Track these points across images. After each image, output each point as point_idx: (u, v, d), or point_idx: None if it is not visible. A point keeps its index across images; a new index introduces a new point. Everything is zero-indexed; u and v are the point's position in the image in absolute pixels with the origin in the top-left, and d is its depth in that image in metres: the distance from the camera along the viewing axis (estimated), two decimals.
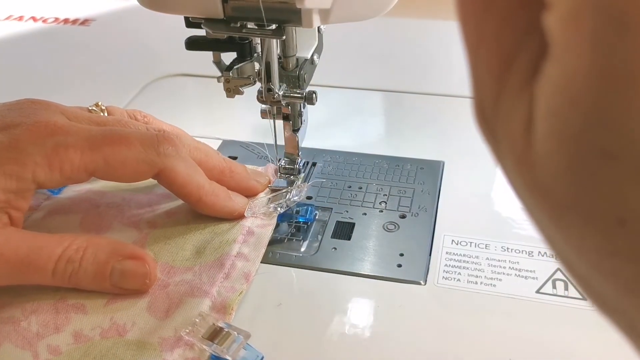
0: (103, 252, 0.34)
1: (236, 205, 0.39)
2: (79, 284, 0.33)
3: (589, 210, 0.12)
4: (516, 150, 0.14)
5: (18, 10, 0.76)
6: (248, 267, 0.36)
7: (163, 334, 0.32)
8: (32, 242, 0.33)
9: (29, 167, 0.33)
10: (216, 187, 0.39)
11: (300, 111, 0.41)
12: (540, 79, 0.13)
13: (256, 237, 0.38)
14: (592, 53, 0.12)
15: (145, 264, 0.34)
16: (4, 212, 0.33)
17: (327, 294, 0.36)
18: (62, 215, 0.40)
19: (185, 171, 0.37)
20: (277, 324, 0.34)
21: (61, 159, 0.33)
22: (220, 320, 0.32)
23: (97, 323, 0.33)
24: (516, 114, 0.14)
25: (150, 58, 0.65)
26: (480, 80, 0.15)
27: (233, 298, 0.34)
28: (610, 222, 0.12)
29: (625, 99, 0.11)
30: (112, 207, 0.41)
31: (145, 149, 0.35)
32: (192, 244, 0.38)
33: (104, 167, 0.35)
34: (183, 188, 0.37)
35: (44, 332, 0.32)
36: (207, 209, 0.39)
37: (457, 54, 0.68)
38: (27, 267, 0.32)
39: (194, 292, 0.34)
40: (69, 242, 0.33)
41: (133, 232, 0.39)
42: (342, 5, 0.31)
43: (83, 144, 0.34)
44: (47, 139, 0.33)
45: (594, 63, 0.12)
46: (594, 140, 0.12)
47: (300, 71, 0.38)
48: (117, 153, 0.35)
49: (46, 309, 0.33)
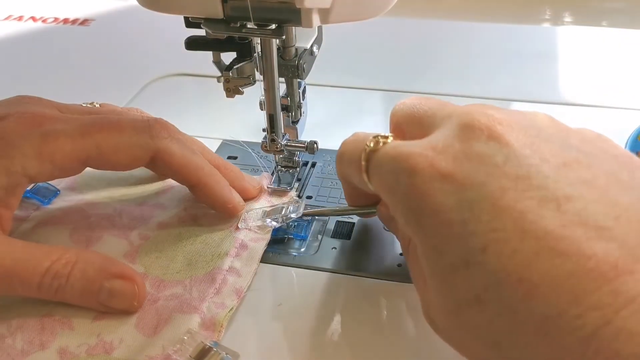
0: (92, 269, 0.33)
1: (233, 197, 0.39)
2: (65, 300, 0.33)
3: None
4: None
5: (18, 10, 0.76)
6: (240, 282, 0.35)
7: (150, 352, 0.31)
8: (19, 253, 0.32)
9: (18, 160, 0.32)
10: (216, 172, 0.38)
11: (299, 103, 0.41)
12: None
13: (249, 251, 0.37)
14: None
15: (134, 284, 0.33)
16: None
17: (327, 294, 0.36)
18: (52, 226, 0.39)
19: (181, 152, 0.36)
20: (276, 325, 0.34)
21: (51, 149, 0.32)
22: (209, 339, 0.31)
23: (83, 340, 0.32)
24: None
25: (150, 58, 0.65)
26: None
27: (223, 315, 0.33)
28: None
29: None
30: (103, 218, 0.40)
31: (138, 133, 0.35)
32: (183, 255, 0.37)
33: (97, 155, 0.34)
34: (181, 169, 0.36)
35: (29, 349, 0.31)
36: (205, 192, 0.38)
37: (457, 54, 0.68)
38: (11, 279, 0.31)
39: (183, 307, 0.33)
40: (57, 256, 0.32)
41: (124, 244, 0.38)
42: (342, 5, 0.31)
43: (73, 132, 0.33)
44: (35, 129, 0.32)
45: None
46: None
47: (300, 61, 0.38)
48: (109, 139, 0.34)
49: (32, 325, 0.33)
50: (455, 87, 0.56)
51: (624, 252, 0.21)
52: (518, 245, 0.22)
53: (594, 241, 0.22)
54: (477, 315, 0.24)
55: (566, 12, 0.77)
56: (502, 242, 0.23)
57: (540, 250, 0.22)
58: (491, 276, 0.23)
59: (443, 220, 0.25)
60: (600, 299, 0.21)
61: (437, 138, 0.27)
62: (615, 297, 0.20)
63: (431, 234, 0.25)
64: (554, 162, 0.25)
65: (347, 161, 0.33)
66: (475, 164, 0.25)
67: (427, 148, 0.27)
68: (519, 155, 0.25)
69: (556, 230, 0.22)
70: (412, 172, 0.26)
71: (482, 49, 0.64)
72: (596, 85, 0.56)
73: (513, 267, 0.22)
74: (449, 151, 0.26)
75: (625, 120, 0.50)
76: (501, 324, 0.23)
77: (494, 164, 0.25)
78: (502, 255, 0.23)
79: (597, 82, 0.57)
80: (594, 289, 0.21)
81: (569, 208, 0.23)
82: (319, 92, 0.40)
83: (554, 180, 0.24)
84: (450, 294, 0.25)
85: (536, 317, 0.22)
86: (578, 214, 0.22)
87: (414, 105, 0.31)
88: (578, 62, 0.61)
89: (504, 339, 0.23)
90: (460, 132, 0.27)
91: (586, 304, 0.21)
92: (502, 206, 0.23)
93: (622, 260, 0.21)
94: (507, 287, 0.22)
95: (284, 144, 0.41)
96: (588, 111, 0.53)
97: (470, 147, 0.26)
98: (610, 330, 0.20)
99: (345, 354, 0.32)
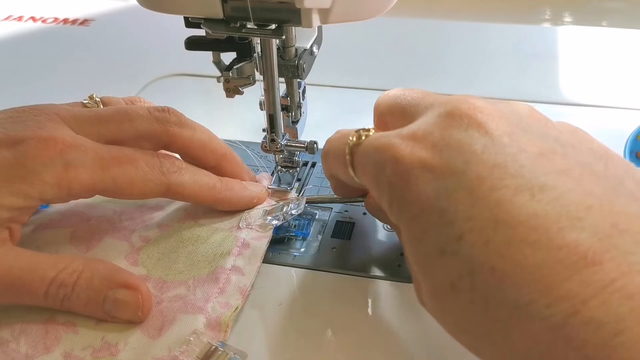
0: (98, 278, 0.33)
1: (253, 192, 0.40)
2: (72, 309, 0.33)
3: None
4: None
5: (18, 10, 0.76)
6: (243, 281, 0.35)
7: (157, 353, 0.31)
8: (27, 262, 0.32)
9: (37, 186, 0.32)
10: (228, 181, 0.39)
11: (299, 103, 0.41)
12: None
13: (251, 249, 0.37)
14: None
15: (138, 294, 0.33)
16: (5, 228, 0.33)
17: (327, 294, 0.36)
18: (52, 229, 0.39)
19: (192, 180, 0.37)
20: (277, 324, 0.34)
21: (70, 179, 0.33)
22: (215, 339, 0.31)
23: (88, 343, 0.32)
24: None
25: (150, 58, 0.65)
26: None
27: (228, 315, 0.33)
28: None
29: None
30: (103, 220, 0.39)
31: (151, 169, 0.35)
32: (185, 256, 0.37)
33: (113, 188, 0.35)
34: (195, 197, 0.38)
35: (34, 353, 0.31)
36: (226, 205, 0.39)
37: (457, 54, 0.68)
38: (18, 289, 0.32)
39: (187, 308, 0.33)
40: (64, 265, 0.32)
41: (125, 245, 0.38)
42: (341, 5, 0.31)
43: (92, 164, 0.34)
44: (56, 157, 0.33)
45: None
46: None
47: (299, 61, 0.38)
48: (125, 173, 0.34)
49: (35, 329, 0.32)
50: (455, 87, 0.56)
51: (594, 241, 0.22)
52: (491, 235, 0.23)
53: (565, 231, 0.22)
54: (453, 302, 0.24)
55: (566, 12, 0.77)
56: (477, 231, 0.23)
57: (512, 240, 0.22)
58: (465, 265, 0.23)
59: (423, 208, 0.25)
60: (570, 289, 0.21)
61: (418, 126, 0.28)
62: (584, 287, 0.21)
63: (412, 222, 0.26)
64: (531, 152, 0.25)
65: (332, 157, 0.33)
66: (454, 151, 0.25)
67: (407, 137, 0.27)
68: (498, 144, 0.25)
69: (529, 220, 0.22)
70: (394, 161, 0.27)
71: (482, 49, 0.64)
72: (596, 85, 0.56)
73: (486, 257, 0.23)
74: (428, 139, 0.27)
75: (625, 120, 0.50)
76: (475, 312, 0.23)
77: (472, 152, 0.25)
78: (476, 244, 0.23)
79: (597, 82, 0.57)
80: (564, 279, 0.21)
81: (542, 197, 0.23)
82: (319, 92, 0.40)
83: (529, 170, 0.24)
84: (429, 281, 0.25)
85: (508, 305, 0.22)
86: (551, 204, 0.23)
87: (397, 96, 0.32)
88: (578, 62, 0.61)
89: (478, 326, 0.24)
90: (440, 120, 0.27)
91: (556, 294, 0.21)
92: (478, 195, 0.24)
93: (592, 251, 0.21)
94: (480, 276, 0.23)
95: (284, 144, 0.41)
96: (588, 111, 0.53)
97: (450, 135, 0.26)
98: (579, 319, 0.20)
99: (345, 354, 0.32)
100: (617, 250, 0.21)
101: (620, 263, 0.21)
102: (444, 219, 0.24)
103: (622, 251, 0.21)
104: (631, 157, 0.43)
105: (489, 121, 0.26)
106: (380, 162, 0.28)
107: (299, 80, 0.41)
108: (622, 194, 0.24)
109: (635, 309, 0.20)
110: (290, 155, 0.43)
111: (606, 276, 0.21)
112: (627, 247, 0.21)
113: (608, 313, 0.20)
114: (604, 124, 0.51)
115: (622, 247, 0.21)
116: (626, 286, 0.20)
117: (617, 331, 0.20)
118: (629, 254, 0.21)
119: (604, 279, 0.21)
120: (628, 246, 0.21)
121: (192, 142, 0.38)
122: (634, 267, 0.21)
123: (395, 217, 0.27)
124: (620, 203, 0.23)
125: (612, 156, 0.26)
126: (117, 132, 0.37)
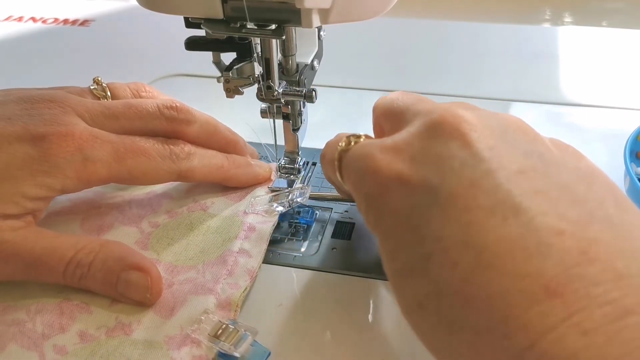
0: (112, 259, 0.34)
1: (258, 169, 0.42)
2: (89, 287, 0.34)
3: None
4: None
5: (18, 10, 0.76)
6: (251, 263, 0.36)
7: (169, 332, 0.32)
8: (48, 242, 0.34)
9: (59, 180, 0.34)
10: (235, 158, 0.41)
11: (300, 110, 0.41)
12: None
13: (257, 232, 0.38)
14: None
15: (148, 277, 0.34)
16: (29, 214, 0.35)
17: (327, 294, 0.36)
18: (63, 216, 0.40)
19: (201, 163, 0.39)
20: (277, 325, 0.34)
21: (89, 173, 0.35)
22: (226, 319, 0.32)
23: (102, 322, 0.33)
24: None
25: (150, 58, 0.65)
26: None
27: (237, 295, 0.34)
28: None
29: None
30: (113, 207, 0.41)
31: (163, 159, 0.37)
32: (194, 242, 0.38)
33: (128, 177, 0.37)
34: (205, 178, 0.40)
35: (50, 333, 0.32)
36: (234, 182, 0.41)
37: (457, 54, 0.68)
38: (40, 267, 0.33)
39: (198, 290, 0.34)
40: (82, 245, 0.34)
41: (135, 231, 0.39)
42: (342, 5, 0.31)
43: (109, 158, 0.36)
44: (76, 153, 0.35)
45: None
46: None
47: (301, 76, 0.39)
48: (140, 164, 0.37)
49: (51, 310, 0.33)
50: (456, 87, 0.56)
51: (560, 271, 0.21)
52: (459, 258, 0.22)
53: (532, 258, 0.21)
54: (420, 320, 0.24)
55: (566, 12, 0.77)
56: (445, 253, 0.23)
57: (478, 265, 0.22)
58: (432, 285, 0.23)
59: (396, 223, 0.25)
60: (529, 320, 0.20)
61: (401, 136, 0.27)
62: (542, 319, 0.20)
63: (387, 236, 0.26)
64: (510, 169, 0.24)
65: (326, 161, 0.34)
66: (431, 165, 0.25)
67: (388, 148, 0.27)
68: (477, 159, 0.24)
69: (497, 244, 0.22)
70: (373, 172, 0.27)
71: (482, 49, 0.64)
72: (596, 85, 0.56)
73: (452, 279, 0.22)
74: (408, 150, 0.26)
75: (625, 120, 0.50)
76: (440, 333, 0.23)
77: (449, 167, 0.25)
78: (444, 266, 0.23)
79: (597, 82, 0.57)
80: (523, 310, 0.21)
81: (514, 221, 0.22)
82: (319, 92, 0.40)
83: (505, 190, 0.23)
84: (400, 297, 0.25)
85: (469, 330, 0.22)
86: (522, 228, 0.22)
87: (392, 101, 0.32)
88: (578, 62, 0.61)
89: (443, 346, 0.23)
90: (423, 130, 0.27)
91: (514, 325, 0.21)
92: (450, 215, 0.23)
93: (555, 281, 0.21)
94: (446, 299, 0.23)
95: (281, 91, 0.39)
96: (588, 111, 0.53)
97: (430, 147, 0.26)
98: (534, 354, 0.20)
99: (345, 354, 0.32)
100: (581, 282, 0.21)
101: (582, 295, 0.20)
102: (415, 237, 0.24)
103: (587, 282, 0.21)
104: (631, 157, 0.43)
105: (471, 132, 0.25)
106: (361, 171, 0.28)
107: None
108: (598, 219, 0.23)
109: (588, 347, 0.19)
110: (290, 161, 0.43)
111: (565, 310, 0.20)
112: (593, 277, 0.21)
113: (562, 349, 0.19)
114: (604, 124, 0.51)
115: (588, 277, 0.21)
116: (583, 321, 0.20)
117: None
118: (593, 285, 0.20)
119: (563, 312, 0.20)
120: (594, 276, 0.21)
121: (199, 136, 0.40)
122: (595, 300, 0.20)
123: (372, 228, 0.27)
124: (594, 229, 0.22)
125: (598, 176, 0.26)
126: (129, 128, 0.38)
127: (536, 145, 0.26)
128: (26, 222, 0.34)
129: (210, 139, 0.41)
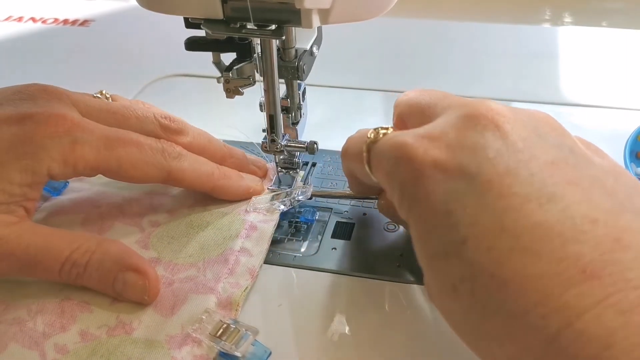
0: (109, 260, 0.34)
1: (250, 182, 0.41)
2: (85, 285, 0.34)
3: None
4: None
5: (18, 11, 0.76)
6: (252, 262, 0.36)
7: (170, 331, 0.32)
8: (42, 240, 0.33)
9: (45, 162, 0.33)
10: (226, 170, 0.41)
11: (299, 104, 0.42)
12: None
13: (259, 231, 0.38)
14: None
15: (145, 279, 0.33)
16: (20, 206, 0.34)
17: (327, 294, 0.36)
18: (64, 216, 0.40)
19: (192, 167, 0.38)
20: (277, 325, 0.34)
21: (76, 156, 0.34)
22: (227, 318, 0.32)
23: (103, 321, 0.33)
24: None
25: (150, 58, 0.65)
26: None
27: (238, 294, 0.34)
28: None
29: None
30: (113, 207, 0.41)
31: (154, 153, 0.37)
32: (195, 240, 0.38)
33: (116, 168, 0.36)
34: (194, 183, 0.39)
35: (50, 332, 0.32)
36: (222, 193, 0.40)
37: (457, 54, 0.68)
38: (35, 266, 0.33)
39: (198, 288, 0.34)
40: (78, 244, 0.34)
41: (135, 230, 0.39)
42: (342, 6, 0.31)
43: (98, 143, 0.35)
44: (63, 134, 0.34)
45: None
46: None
47: (300, 62, 0.38)
48: (129, 154, 0.36)
49: (51, 309, 0.33)
50: (456, 87, 0.56)
51: (595, 256, 0.22)
52: (494, 242, 0.23)
53: (568, 243, 0.22)
54: (453, 303, 0.25)
55: (566, 12, 0.77)
56: (480, 237, 0.23)
57: (514, 249, 0.23)
58: (467, 269, 0.24)
59: (431, 208, 0.26)
60: (567, 302, 0.21)
61: (435, 126, 0.28)
62: (580, 300, 0.21)
63: (420, 221, 0.26)
64: (544, 160, 0.25)
65: (351, 155, 0.34)
66: (467, 153, 0.26)
67: (423, 136, 0.27)
68: (511, 149, 0.25)
69: (533, 229, 0.23)
70: (408, 159, 0.27)
71: (482, 49, 0.64)
72: (596, 85, 0.56)
73: (487, 263, 0.23)
74: (443, 139, 0.27)
75: (625, 120, 0.50)
76: (473, 316, 0.24)
77: (485, 156, 0.25)
78: (479, 249, 0.23)
79: (597, 82, 0.57)
80: (561, 291, 0.21)
81: (549, 207, 0.23)
82: (319, 92, 0.40)
83: (539, 179, 0.24)
84: (433, 280, 0.26)
85: (504, 313, 0.22)
86: (557, 215, 0.23)
87: (416, 97, 0.32)
88: (578, 62, 0.61)
89: (475, 329, 0.24)
90: (457, 122, 0.27)
91: (551, 306, 0.21)
92: (486, 201, 0.24)
93: (591, 265, 0.21)
94: (480, 281, 0.23)
95: (284, 144, 0.41)
96: (588, 111, 0.53)
97: (465, 137, 0.26)
98: (571, 333, 0.20)
99: (345, 354, 0.32)
100: (616, 266, 0.21)
101: (618, 279, 0.21)
102: (449, 221, 0.25)
103: (622, 267, 0.21)
104: (631, 157, 0.43)
105: (505, 124, 0.26)
106: (395, 159, 0.28)
107: (299, 81, 0.41)
108: (628, 209, 0.24)
109: (626, 324, 0.20)
110: (290, 156, 0.43)
111: (602, 291, 0.21)
112: (627, 263, 0.21)
113: (600, 327, 0.20)
114: (604, 124, 0.51)
115: (622, 263, 0.21)
116: (620, 302, 0.20)
117: (607, 345, 0.20)
118: (627, 269, 0.21)
119: (600, 293, 0.21)
120: (628, 262, 0.22)
121: (192, 147, 0.40)
122: (630, 283, 0.21)
123: (405, 214, 0.28)
124: (626, 219, 0.23)
125: (622, 172, 0.26)
126: (124, 125, 0.38)
127: (565, 139, 0.27)
128: (19, 217, 0.34)
129: (203, 151, 0.40)
